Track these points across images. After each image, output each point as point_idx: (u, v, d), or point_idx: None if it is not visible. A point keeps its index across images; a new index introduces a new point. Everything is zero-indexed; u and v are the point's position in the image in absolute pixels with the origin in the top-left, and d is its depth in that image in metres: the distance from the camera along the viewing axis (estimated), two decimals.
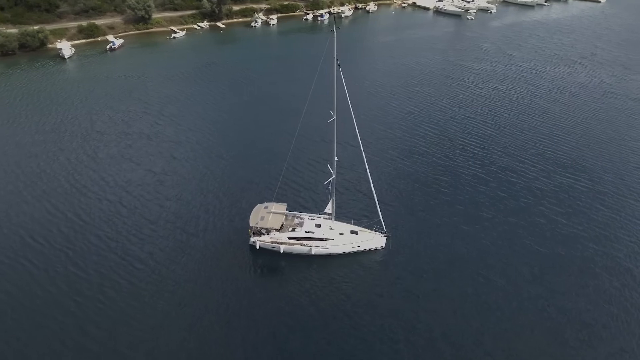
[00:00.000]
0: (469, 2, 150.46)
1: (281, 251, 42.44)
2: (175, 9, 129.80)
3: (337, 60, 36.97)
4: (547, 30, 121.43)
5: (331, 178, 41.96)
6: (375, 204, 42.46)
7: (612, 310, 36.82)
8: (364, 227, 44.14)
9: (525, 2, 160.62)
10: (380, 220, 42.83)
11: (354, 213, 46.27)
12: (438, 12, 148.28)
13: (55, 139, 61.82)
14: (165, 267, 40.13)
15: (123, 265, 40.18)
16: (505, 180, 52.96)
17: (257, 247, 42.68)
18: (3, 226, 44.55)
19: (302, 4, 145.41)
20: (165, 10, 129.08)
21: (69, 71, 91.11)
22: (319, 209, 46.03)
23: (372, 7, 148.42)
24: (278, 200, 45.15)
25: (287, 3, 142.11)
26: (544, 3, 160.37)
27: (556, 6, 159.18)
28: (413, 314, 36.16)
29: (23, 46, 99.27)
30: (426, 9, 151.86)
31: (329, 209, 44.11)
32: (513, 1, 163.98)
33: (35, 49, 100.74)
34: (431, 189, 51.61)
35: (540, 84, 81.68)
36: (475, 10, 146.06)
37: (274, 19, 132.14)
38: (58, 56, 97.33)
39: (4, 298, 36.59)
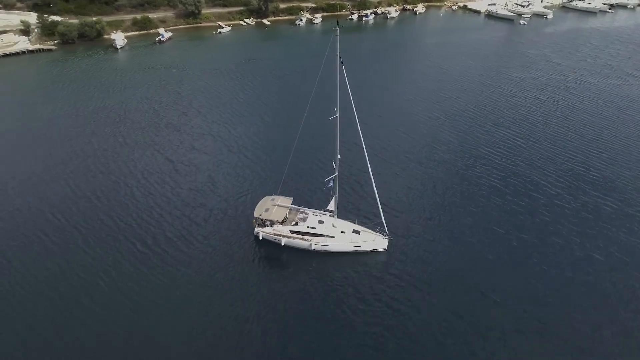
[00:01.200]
0: (523, 6, 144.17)
1: (282, 244, 43.27)
2: (225, 5, 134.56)
3: (340, 58, 37.15)
4: (604, 38, 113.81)
5: (333, 175, 42.24)
6: (377, 205, 42.22)
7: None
8: (367, 227, 44.10)
9: (586, 8, 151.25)
10: (382, 222, 42.58)
11: (355, 213, 46.19)
12: (489, 15, 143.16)
13: (91, 122, 66.59)
14: (170, 251, 42.00)
15: (129, 246, 42.72)
16: (525, 194, 50.56)
17: (260, 238, 43.87)
18: (29, 201, 48.81)
19: (348, 4, 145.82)
20: (215, 6, 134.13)
21: (118, 60, 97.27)
22: (321, 205, 46.36)
23: (420, 8, 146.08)
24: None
25: (333, 2, 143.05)
26: (608, 10, 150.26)
27: (621, 13, 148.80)
28: (402, 325, 35.27)
29: (82, 36, 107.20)
30: (477, 12, 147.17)
31: (331, 206, 44.40)
32: (573, 7, 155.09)
33: (92, 38, 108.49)
34: (442, 196, 50.24)
35: (583, 96, 76.86)
36: (529, 15, 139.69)
37: (318, 18, 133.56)
38: (111, 46, 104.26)
39: (19, 267, 40.24)
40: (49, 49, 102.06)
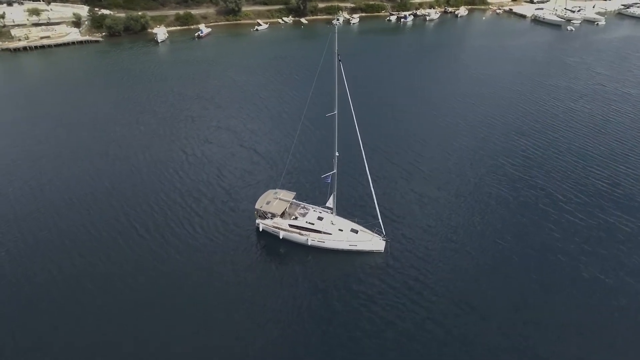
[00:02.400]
0: (573, 11, 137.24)
1: (280, 237, 44.14)
2: (265, 3, 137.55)
3: (338, 55, 37.48)
4: None
5: (331, 173, 42.54)
6: (374, 206, 42.07)
7: None
8: (366, 227, 44.06)
9: None
10: (379, 222, 42.40)
11: (353, 212, 46.11)
12: (536, 20, 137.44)
13: (119, 110, 70.57)
14: (170, 240, 43.82)
15: (134, 231, 45.14)
16: (535, 207, 48.37)
17: (260, 230, 45.01)
18: (51, 178, 52.75)
19: (388, 5, 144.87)
20: (255, 4, 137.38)
21: (157, 53, 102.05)
22: (320, 201, 46.80)
23: (462, 11, 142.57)
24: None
25: (372, 3, 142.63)
26: None
27: None
28: (395, 334, 34.74)
29: (127, 29, 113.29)
30: (523, 17, 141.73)
31: (330, 203, 44.74)
32: (630, 14, 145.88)
33: (137, 32, 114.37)
34: (445, 203, 49.08)
35: (621, 108, 72.21)
36: (579, 21, 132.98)
37: (355, 18, 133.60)
38: (153, 40, 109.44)
39: (41, 235, 43.66)
40: (96, 41, 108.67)
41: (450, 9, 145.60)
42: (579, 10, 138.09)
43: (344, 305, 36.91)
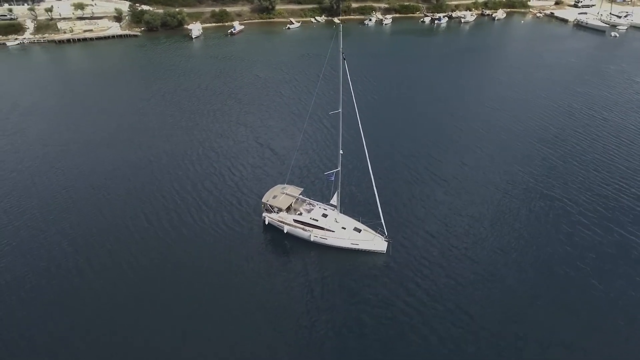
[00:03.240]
0: (619, 16, 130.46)
1: (285, 231, 44.92)
2: (299, 2, 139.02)
3: (342, 54, 37.75)
4: None
5: (335, 170, 42.83)
6: (377, 205, 41.98)
7: None
8: (369, 227, 44.06)
9: None
10: (381, 223, 42.26)
11: (356, 210, 46.11)
12: (578, 25, 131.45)
13: (146, 102, 73.74)
14: (178, 227, 45.52)
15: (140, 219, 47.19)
16: (546, 218, 46.53)
17: (266, 223, 45.93)
18: (78, 161, 55.93)
19: (423, 6, 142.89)
20: (290, 2, 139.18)
21: (190, 49, 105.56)
22: (324, 197, 47.16)
23: (499, 14, 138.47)
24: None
25: (407, 4, 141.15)
26: None
27: None
28: (385, 336, 34.58)
29: (165, 25, 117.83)
30: (564, 21, 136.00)
31: (334, 201, 45.08)
32: None
33: (173, 28, 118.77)
34: (451, 209, 48.10)
35: None
36: (625, 27, 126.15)
37: (388, 19, 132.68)
38: (188, 35, 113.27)
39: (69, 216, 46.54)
40: (135, 35, 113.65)
41: (487, 12, 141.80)
42: (625, 16, 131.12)
43: (338, 303, 37.07)
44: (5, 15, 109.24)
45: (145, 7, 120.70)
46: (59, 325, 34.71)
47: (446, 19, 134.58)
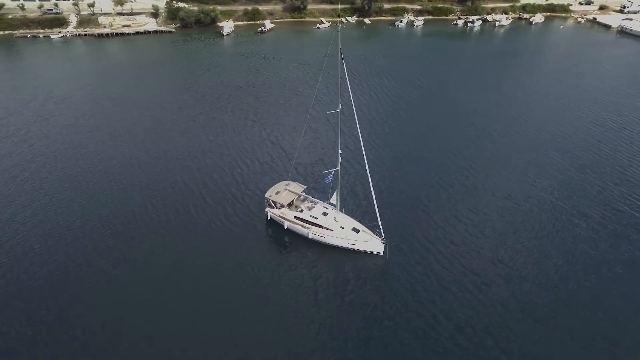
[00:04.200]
0: None
1: (285, 227, 45.71)
2: (331, 2, 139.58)
3: (341, 54, 38.11)
4: None
5: (334, 170, 43.11)
6: (374, 207, 41.96)
7: None
8: (368, 228, 44.11)
9: None
10: (378, 224, 42.20)
11: (353, 211, 46.17)
12: (622, 32, 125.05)
13: (167, 96, 76.43)
14: (186, 222, 46.94)
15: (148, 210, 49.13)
16: (550, 230, 45.02)
17: (268, 218, 46.93)
18: (101, 149, 58.86)
19: (457, 8, 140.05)
20: (322, 2, 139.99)
21: (220, 46, 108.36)
22: (323, 196, 47.62)
23: (537, 18, 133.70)
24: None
25: (441, 6, 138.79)
26: None
27: None
28: (369, 339, 34.42)
29: (198, 22, 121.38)
30: (607, 27, 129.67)
31: (334, 200, 45.40)
32: None
33: (206, 25, 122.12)
34: (452, 216, 47.21)
35: None
36: None
37: (419, 20, 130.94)
38: (219, 33, 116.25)
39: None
40: (170, 31, 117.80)
41: (524, 16, 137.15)
42: None
43: (328, 303, 37.26)
44: (52, 10, 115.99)
45: (181, 4, 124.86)
46: (52, 315, 36.08)
47: (480, 22, 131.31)
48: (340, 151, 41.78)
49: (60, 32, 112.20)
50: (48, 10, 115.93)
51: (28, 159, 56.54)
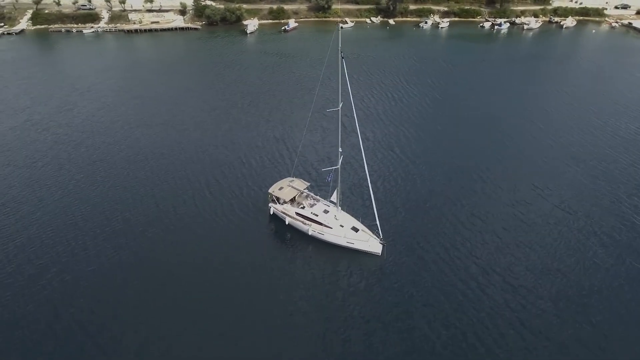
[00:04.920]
0: None
1: (286, 222, 46.31)
2: (356, 2, 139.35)
3: (341, 52, 38.32)
4: None
5: (334, 167, 43.31)
6: (372, 207, 41.92)
7: None
8: (368, 227, 44.12)
9: None
10: (376, 224, 42.13)
11: (352, 211, 46.06)
12: None
13: (191, 92, 78.32)
14: (189, 210, 48.37)
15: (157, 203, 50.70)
16: (554, 233, 43.92)
17: (271, 213, 47.67)
18: (118, 139, 61.10)
19: (485, 10, 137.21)
20: (347, 2, 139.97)
21: (243, 44, 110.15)
22: (324, 194, 47.96)
23: (568, 22, 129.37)
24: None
25: (468, 8, 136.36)
26: None
27: None
28: (357, 341, 34.28)
29: (224, 19, 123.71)
30: None
31: (334, 198, 45.62)
32: None
33: (232, 23, 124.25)
34: (451, 221, 46.55)
35: None
36: None
37: (445, 22, 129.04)
38: (244, 31, 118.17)
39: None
40: (196, 28, 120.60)
41: (555, 19, 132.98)
42: None
43: (322, 300, 37.44)
44: (86, 6, 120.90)
45: (208, 2, 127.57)
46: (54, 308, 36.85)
47: (507, 24, 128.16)
48: (340, 149, 41.99)
49: (92, 27, 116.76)
50: (82, 6, 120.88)
51: (49, 146, 59.41)
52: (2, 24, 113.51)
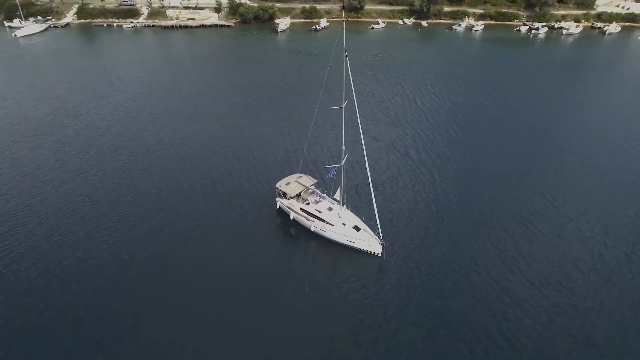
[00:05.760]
0: None
1: (291, 217, 46.96)
2: (390, 3, 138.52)
3: (345, 50, 38.59)
4: None
5: (337, 165, 43.52)
6: (373, 206, 41.78)
7: None
8: (370, 227, 44.08)
9: None
10: (377, 224, 41.95)
11: (353, 210, 45.95)
12: None
13: (217, 87, 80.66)
14: (199, 201, 49.86)
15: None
16: (555, 244, 42.42)
17: (277, 207, 48.54)
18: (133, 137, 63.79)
19: (523, 14, 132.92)
20: (381, 3, 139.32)
21: (273, 42, 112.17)
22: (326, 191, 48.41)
23: (612, 28, 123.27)
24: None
25: (505, 11, 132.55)
26: None
27: None
28: (350, 342, 34.15)
29: (257, 18, 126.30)
30: None
31: (337, 196, 45.84)
32: None
33: (264, 21, 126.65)
34: (454, 225, 45.65)
35: None
36: None
37: (479, 25, 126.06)
38: (275, 29, 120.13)
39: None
40: (229, 26, 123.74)
41: (598, 25, 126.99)
42: None
43: (314, 295, 37.68)
44: (127, 2, 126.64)
45: (243, 0, 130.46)
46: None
47: (545, 29, 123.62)
48: (344, 148, 42.23)
49: (131, 22, 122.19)
50: (124, 2, 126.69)
51: (77, 132, 63.00)
52: (50, 17, 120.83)
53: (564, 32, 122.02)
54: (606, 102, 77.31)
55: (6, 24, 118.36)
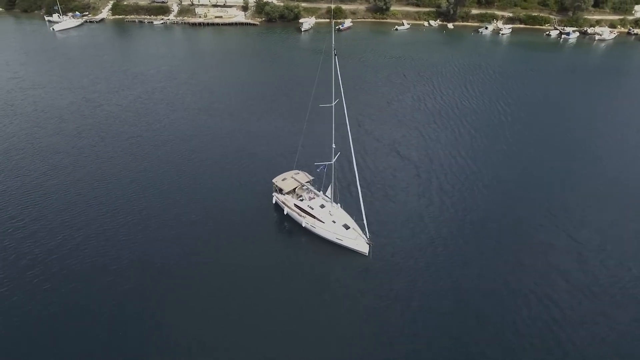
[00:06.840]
0: None
1: (285, 212, 48.16)
2: (417, 5, 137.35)
3: (334, 50, 39.40)
4: None
5: (327, 163, 44.20)
6: (360, 205, 42.18)
7: None
8: (359, 226, 44.54)
9: None
10: (363, 224, 42.32)
11: (346, 209, 46.54)
12: None
13: (235, 83, 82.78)
14: (205, 198, 51.33)
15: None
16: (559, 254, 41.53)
17: (274, 202, 49.85)
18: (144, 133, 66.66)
19: (554, 18, 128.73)
20: (408, 4, 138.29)
21: (296, 41, 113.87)
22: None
23: None
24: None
25: (535, 14, 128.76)
26: None
27: None
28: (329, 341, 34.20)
29: (282, 17, 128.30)
30: None
31: (329, 193, 46.55)
32: None
33: (289, 20, 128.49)
34: (444, 228, 45.33)
35: None
36: None
37: (507, 29, 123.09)
38: (299, 29, 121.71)
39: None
40: (255, 24, 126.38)
41: (635, 31, 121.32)
42: None
43: (299, 294, 38.00)
44: None
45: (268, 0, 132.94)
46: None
47: (577, 34, 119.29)
48: (334, 145, 42.94)
49: (162, 19, 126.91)
50: None
51: (97, 120, 66.60)
52: (87, 13, 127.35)
53: (597, 37, 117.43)
54: (628, 112, 74.10)
55: (46, 18, 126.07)
